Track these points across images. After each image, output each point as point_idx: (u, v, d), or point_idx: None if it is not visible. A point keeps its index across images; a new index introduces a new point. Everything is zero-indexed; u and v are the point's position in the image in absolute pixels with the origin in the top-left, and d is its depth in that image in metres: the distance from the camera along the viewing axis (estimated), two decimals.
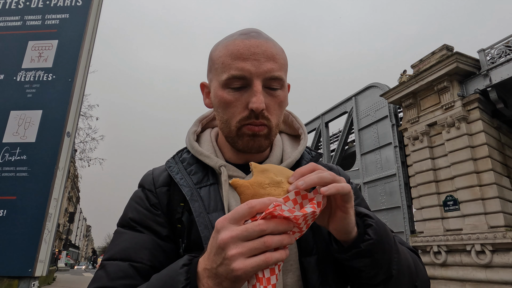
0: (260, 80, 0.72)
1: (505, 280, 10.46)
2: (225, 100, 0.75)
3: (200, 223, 0.71)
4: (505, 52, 12.12)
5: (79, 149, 17.42)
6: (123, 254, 0.71)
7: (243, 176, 0.79)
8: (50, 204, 1.92)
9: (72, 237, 52.69)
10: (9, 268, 1.80)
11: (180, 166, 0.83)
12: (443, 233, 12.37)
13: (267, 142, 0.78)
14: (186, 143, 0.88)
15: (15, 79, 2.18)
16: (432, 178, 13.28)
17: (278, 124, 0.79)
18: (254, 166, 0.61)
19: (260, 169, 0.60)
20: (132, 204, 0.80)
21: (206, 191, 0.77)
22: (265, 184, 0.58)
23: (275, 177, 0.59)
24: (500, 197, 11.35)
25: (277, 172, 0.60)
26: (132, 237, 0.74)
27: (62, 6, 2.38)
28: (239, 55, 0.72)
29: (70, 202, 39.46)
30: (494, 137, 12.68)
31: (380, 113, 17.09)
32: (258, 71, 0.72)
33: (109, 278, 0.67)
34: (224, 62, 0.74)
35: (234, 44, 0.74)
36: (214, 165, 0.80)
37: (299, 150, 0.86)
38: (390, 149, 16.05)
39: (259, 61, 0.72)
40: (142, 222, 0.75)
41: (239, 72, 0.72)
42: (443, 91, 13.26)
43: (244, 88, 0.73)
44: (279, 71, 0.74)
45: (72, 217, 29.48)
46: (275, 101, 0.76)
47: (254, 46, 0.73)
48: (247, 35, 0.75)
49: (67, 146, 2.07)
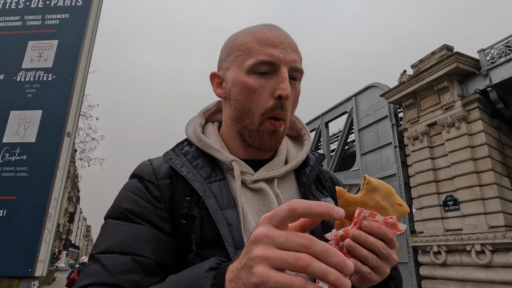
0: (287, 68, 0.72)
1: (505, 280, 10.45)
2: (249, 87, 0.73)
3: (218, 220, 0.67)
4: (505, 52, 12.12)
5: (79, 149, 17.43)
6: (123, 247, 0.62)
7: (252, 172, 0.77)
8: (50, 204, 1.92)
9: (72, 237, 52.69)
10: (9, 268, 1.80)
11: (183, 159, 0.78)
12: (443, 233, 12.37)
13: (281, 140, 0.78)
14: (189, 135, 0.83)
15: (15, 79, 2.18)
16: (432, 178, 13.28)
17: (289, 121, 0.78)
18: (368, 181, 0.58)
19: (372, 187, 0.57)
20: (127, 194, 0.72)
21: (217, 186, 0.73)
22: (369, 206, 0.56)
23: (380, 201, 0.57)
24: (500, 197, 11.35)
25: (385, 195, 0.58)
26: (131, 229, 0.66)
27: (62, 6, 2.38)
28: (269, 42, 0.73)
29: (70, 202, 39.45)
30: (494, 137, 12.68)
31: (380, 113, 17.09)
32: (286, 59, 0.72)
33: (109, 272, 0.58)
34: (251, 48, 0.73)
35: (261, 32, 0.74)
36: (225, 159, 0.76)
37: (306, 150, 0.86)
38: (390, 149, 16.04)
39: (287, 50, 0.73)
40: (142, 215, 0.68)
41: (268, 58, 0.71)
42: (443, 91, 13.25)
43: (270, 75, 0.72)
44: (300, 63, 0.76)
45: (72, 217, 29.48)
46: (294, 93, 0.76)
47: (282, 36, 0.74)
48: (272, 26, 0.77)
49: (67, 146, 2.07)
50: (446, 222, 12.61)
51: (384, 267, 0.55)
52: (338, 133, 21.66)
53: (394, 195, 0.58)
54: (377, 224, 0.53)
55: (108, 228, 0.67)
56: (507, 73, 11.78)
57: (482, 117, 12.40)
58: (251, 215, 0.72)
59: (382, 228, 0.53)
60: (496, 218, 11.15)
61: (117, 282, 0.58)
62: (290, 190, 0.81)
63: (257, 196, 0.76)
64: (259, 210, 0.74)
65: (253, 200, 0.75)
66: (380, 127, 16.95)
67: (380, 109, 17.11)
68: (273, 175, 0.77)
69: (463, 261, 11.69)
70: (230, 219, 0.68)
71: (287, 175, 0.83)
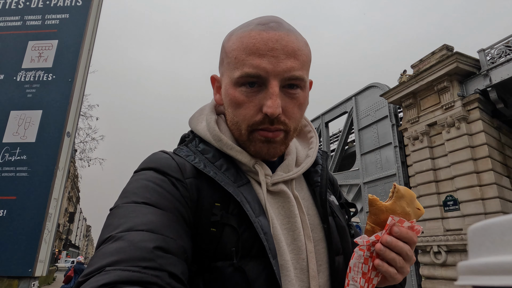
0: (278, 81, 0.63)
1: None
2: (236, 100, 0.66)
3: (260, 230, 0.61)
4: (505, 52, 12.11)
5: (79, 149, 17.44)
6: (149, 226, 0.52)
7: (271, 174, 0.72)
8: (50, 204, 1.92)
9: (72, 237, 52.67)
10: (9, 268, 1.80)
11: (203, 158, 0.69)
12: (443, 233, 12.37)
13: (283, 147, 0.70)
14: (203, 133, 0.75)
15: (15, 79, 2.18)
16: (432, 178, 13.28)
17: (296, 128, 0.71)
18: (397, 189, 0.64)
19: (400, 195, 0.63)
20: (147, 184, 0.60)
21: (247, 191, 0.66)
22: (397, 213, 0.62)
23: (406, 208, 0.62)
24: (500, 197, 11.35)
25: (409, 201, 0.63)
26: (155, 212, 0.55)
27: (62, 6, 2.38)
28: (255, 50, 0.63)
29: (70, 202, 39.44)
30: (494, 137, 12.68)
31: (380, 113, 17.08)
32: (275, 69, 0.62)
33: (138, 248, 0.48)
34: (237, 57, 0.65)
35: (250, 36, 0.64)
36: (248, 162, 0.70)
37: (315, 148, 0.83)
38: (390, 149, 16.04)
39: (278, 58, 0.62)
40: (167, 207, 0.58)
41: (253, 70, 0.62)
42: (443, 91, 13.25)
43: (259, 88, 0.65)
44: (300, 70, 0.65)
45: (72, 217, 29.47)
46: (294, 103, 0.67)
47: (272, 41, 0.63)
48: (265, 25, 0.65)
49: (67, 146, 2.07)
50: (446, 222, 12.61)
51: (407, 267, 0.61)
52: (338, 133, 21.66)
53: (415, 201, 0.64)
54: (405, 229, 0.60)
55: (125, 210, 0.55)
56: (507, 73, 11.78)
57: (482, 117, 12.40)
58: (276, 221, 0.68)
59: (410, 233, 0.60)
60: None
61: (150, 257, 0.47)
62: (301, 190, 0.77)
63: (276, 198, 0.71)
64: (279, 214, 0.70)
65: (273, 203, 0.71)
66: (380, 127, 16.94)
67: (380, 109, 17.10)
68: (291, 177, 0.73)
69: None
70: (264, 228, 0.63)
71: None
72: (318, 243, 0.71)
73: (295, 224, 0.69)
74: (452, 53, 12.72)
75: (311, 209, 0.75)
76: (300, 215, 0.70)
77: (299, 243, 0.68)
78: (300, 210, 0.71)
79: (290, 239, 0.68)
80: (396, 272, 0.60)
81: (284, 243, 0.66)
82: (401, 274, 0.61)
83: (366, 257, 0.61)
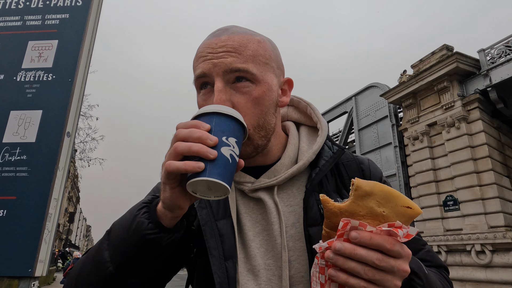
0: (221, 77, 0.66)
1: (505, 280, 10.45)
2: (198, 105, 0.71)
3: (206, 232, 0.69)
4: (505, 52, 12.12)
5: (79, 149, 17.44)
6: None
7: (251, 181, 0.74)
8: (50, 204, 1.92)
9: (72, 237, 52.67)
10: (9, 268, 1.80)
11: None
12: (443, 233, 12.37)
13: (250, 147, 0.70)
14: None
15: (15, 79, 2.18)
16: (432, 178, 13.28)
17: (260, 125, 0.70)
18: (357, 185, 0.50)
19: (362, 193, 0.50)
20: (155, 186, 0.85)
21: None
22: (359, 215, 0.50)
23: (375, 208, 0.49)
24: (500, 197, 11.35)
25: (382, 200, 0.50)
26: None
27: (62, 6, 2.38)
28: (201, 55, 0.69)
29: (70, 202, 39.45)
30: (494, 137, 12.68)
31: (380, 113, 17.09)
32: (216, 66, 0.66)
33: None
34: (193, 66, 0.72)
35: (201, 44, 0.72)
36: None
37: (314, 149, 0.77)
38: (390, 149, 16.04)
39: (218, 55, 0.67)
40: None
41: (199, 71, 0.68)
42: (443, 91, 13.25)
43: (211, 89, 0.69)
44: (244, 63, 0.67)
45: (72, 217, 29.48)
46: (246, 98, 0.68)
47: (214, 43, 0.68)
48: (212, 34, 0.72)
49: (67, 146, 2.07)
50: (446, 222, 12.61)
51: (388, 280, 0.50)
52: (338, 133, 21.65)
53: (397, 198, 0.50)
54: (368, 234, 0.48)
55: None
56: (507, 73, 11.78)
57: (482, 117, 12.40)
58: (250, 226, 0.72)
59: (376, 238, 0.48)
60: (496, 218, 11.15)
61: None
62: (298, 195, 0.75)
63: (258, 205, 0.74)
64: (261, 219, 0.73)
65: (254, 209, 0.74)
66: (380, 127, 16.94)
67: (380, 109, 17.10)
68: (271, 183, 0.73)
69: (463, 261, 11.69)
70: (222, 230, 0.70)
71: (298, 177, 0.77)
72: (301, 253, 0.69)
73: (271, 231, 0.71)
74: (452, 53, 12.72)
75: (301, 217, 0.71)
76: (280, 224, 0.70)
77: (276, 251, 0.69)
78: (280, 218, 0.70)
79: (268, 247, 0.71)
80: (366, 285, 0.49)
81: (256, 249, 0.70)
82: None
83: (321, 266, 0.53)
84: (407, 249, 0.51)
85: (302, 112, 0.88)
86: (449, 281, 0.77)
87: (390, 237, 0.49)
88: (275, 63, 0.75)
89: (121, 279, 0.62)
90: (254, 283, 0.68)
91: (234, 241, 0.70)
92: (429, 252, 0.77)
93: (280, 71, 0.77)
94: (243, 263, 0.70)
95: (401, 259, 0.50)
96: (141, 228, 0.58)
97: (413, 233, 0.49)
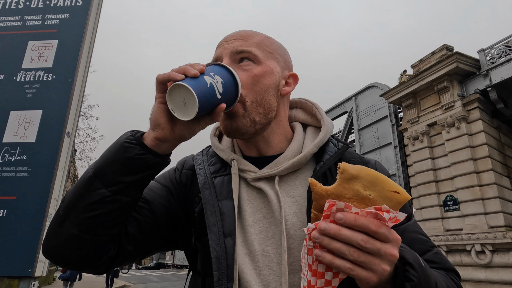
0: (228, 56, 0.77)
1: (505, 280, 10.45)
2: None
3: (207, 209, 0.73)
4: (505, 52, 12.12)
5: (79, 149, 17.42)
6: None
7: (255, 171, 0.78)
8: (50, 204, 1.92)
9: None
10: (9, 268, 1.80)
11: (205, 158, 0.87)
12: (443, 233, 12.37)
13: (248, 122, 0.75)
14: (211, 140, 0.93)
15: (15, 79, 2.18)
16: (432, 178, 13.28)
17: (258, 102, 0.76)
18: (343, 169, 0.51)
19: (348, 176, 0.51)
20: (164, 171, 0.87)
21: (220, 180, 0.79)
22: (345, 197, 0.50)
23: (362, 191, 0.50)
24: (500, 197, 11.35)
25: (369, 183, 0.50)
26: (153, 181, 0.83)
27: (62, 6, 2.38)
28: (218, 45, 0.82)
29: None
30: (494, 137, 12.68)
31: (380, 113, 17.09)
32: (225, 50, 0.78)
33: None
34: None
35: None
36: (227, 158, 0.82)
37: (315, 142, 0.80)
38: (390, 149, 16.05)
39: (229, 41, 0.80)
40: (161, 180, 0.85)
41: (214, 57, 0.81)
42: (443, 91, 13.25)
43: None
44: (248, 46, 0.78)
45: None
46: (247, 74, 0.76)
47: (228, 36, 0.82)
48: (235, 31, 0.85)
49: (67, 146, 2.07)
50: (446, 222, 12.61)
51: (375, 262, 0.49)
52: (338, 133, 21.65)
53: (384, 183, 0.50)
54: (353, 215, 0.48)
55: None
56: (507, 73, 11.78)
57: (482, 117, 12.40)
58: (250, 212, 0.76)
59: (360, 219, 0.48)
60: (496, 218, 11.15)
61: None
62: (301, 187, 0.76)
63: (260, 194, 0.78)
64: (263, 208, 0.76)
65: (257, 198, 0.77)
66: (380, 127, 16.95)
67: (380, 109, 17.11)
68: (272, 173, 0.76)
69: (463, 261, 11.69)
70: (224, 209, 0.74)
71: (302, 171, 0.79)
72: (302, 242, 0.70)
73: (272, 220, 0.74)
74: (452, 53, 12.72)
75: (304, 207, 0.73)
76: (281, 212, 0.72)
77: (275, 239, 0.72)
78: (281, 206, 0.72)
79: (268, 234, 0.73)
80: (352, 266, 0.49)
81: (254, 234, 0.73)
82: (368, 271, 0.49)
83: (309, 247, 0.52)
84: (396, 234, 0.51)
85: (308, 113, 0.92)
86: (459, 285, 0.72)
87: (376, 219, 0.49)
88: (280, 57, 0.83)
89: (113, 197, 0.65)
90: (251, 267, 0.70)
91: (233, 219, 0.73)
92: (437, 254, 0.75)
93: (286, 65, 0.85)
94: (241, 246, 0.72)
95: (389, 243, 0.50)
96: (121, 140, 0.66)
97: (401, 218, 0.49)
